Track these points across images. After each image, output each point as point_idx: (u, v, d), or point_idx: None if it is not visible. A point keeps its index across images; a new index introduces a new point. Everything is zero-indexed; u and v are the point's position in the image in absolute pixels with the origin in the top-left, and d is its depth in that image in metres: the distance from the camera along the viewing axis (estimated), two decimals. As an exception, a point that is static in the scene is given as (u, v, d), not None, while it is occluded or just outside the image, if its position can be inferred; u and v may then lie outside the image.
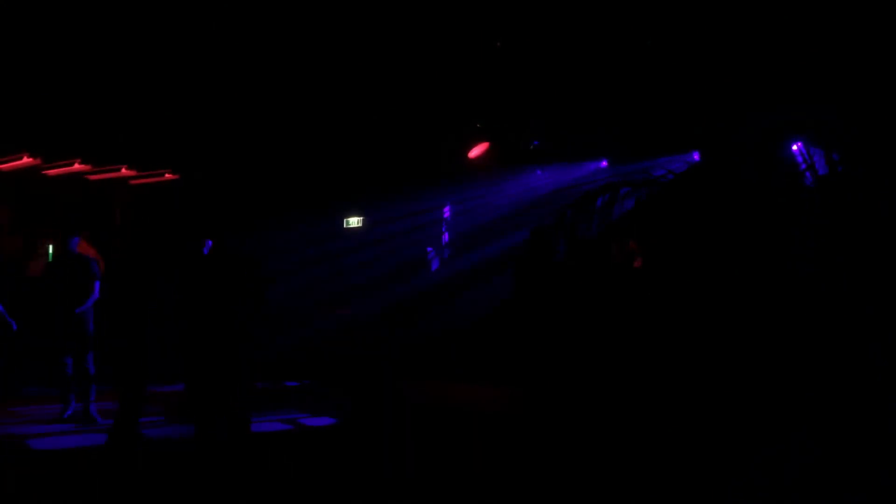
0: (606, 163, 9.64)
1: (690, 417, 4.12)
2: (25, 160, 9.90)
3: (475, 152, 10.01)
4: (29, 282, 8.10)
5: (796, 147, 4.50)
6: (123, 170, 10.70)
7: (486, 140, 9.92)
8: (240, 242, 6.41)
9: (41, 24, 6.81)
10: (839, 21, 5.87)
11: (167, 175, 10.95)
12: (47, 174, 10.50)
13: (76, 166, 10.33)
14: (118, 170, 10.67)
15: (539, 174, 10.24)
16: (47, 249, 9.30)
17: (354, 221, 11.93)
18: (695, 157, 8.05)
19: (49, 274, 7.12)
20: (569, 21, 6.93)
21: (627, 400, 4.34)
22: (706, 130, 7.59)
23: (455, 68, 8.00)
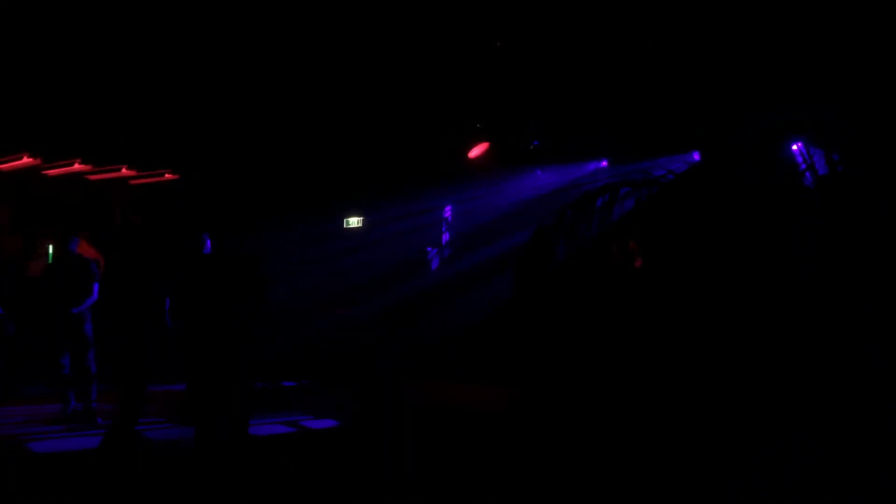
0: (606, 163, 9.64)
1: (690, 417, 4.12)
2: (25, 160, 9.91)
3: (475, 152, 10.01)
4: (29, 282, 8.10)
5: (796, 147, 4.49)
6: (123, 170, 10.71)
7: (486, 140, 9.92)
8: (240, 242, 6.40)
9: (41, 25, 6.81)
10: (839, 21, 5.87)
11: (167, 175, 10.96)
12: (47, 174, 10.51)
13: (76, 166, 10.33)
14: (118, 170, 10.68)
15: (539, 174, 10.24)
16: (47, 249, 9.30)
17: (354, 221, 11.93)
18: (695, 157, 8.04)
19: (49, 274, 7.13)
20: (569, 21, 6.93)
21: (627, 400, 4.34)
22: (706, 130, 7.59)
23: (455, 68, 7.99)
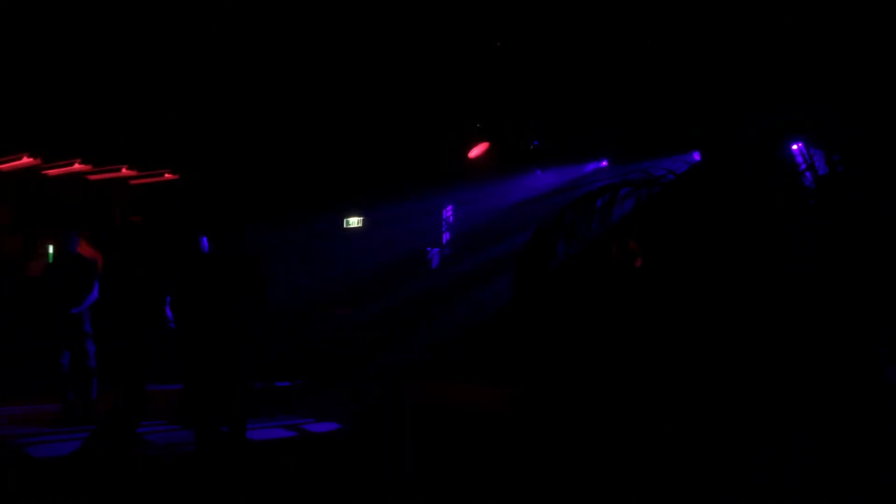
0: (607, 163, 9.63)
1: (691, 417, 4.12)
2: (25, 160, 9.90)
3: (475, 152, 10.00)
4: (29, 282, 8.10)
5: (796, 147, 4.49)
6: (123, 170, 10.70)
7: (486, 140, 9.92)
8: (240, 242, 6.41)
9: (41, 25, 6.81)
10: (839, 21, 5.87)
11: (167, 175, 10.95)
12: (47, 174, 10.51)
13: (76, 166, 10.33)
14: (118, 170, 10.67)
15: (539, 174, 10.24)
16: (47, 249, 9.30)
17: (354, 221, 11.93)
18: (695, 157, 8.04)
19: (49, 274, 7.13)
20: (569, 21, 6.93)
21: (628, 400, 4.34)
22: (706, 130, 7.58)
23: (455, 68, 7.99)
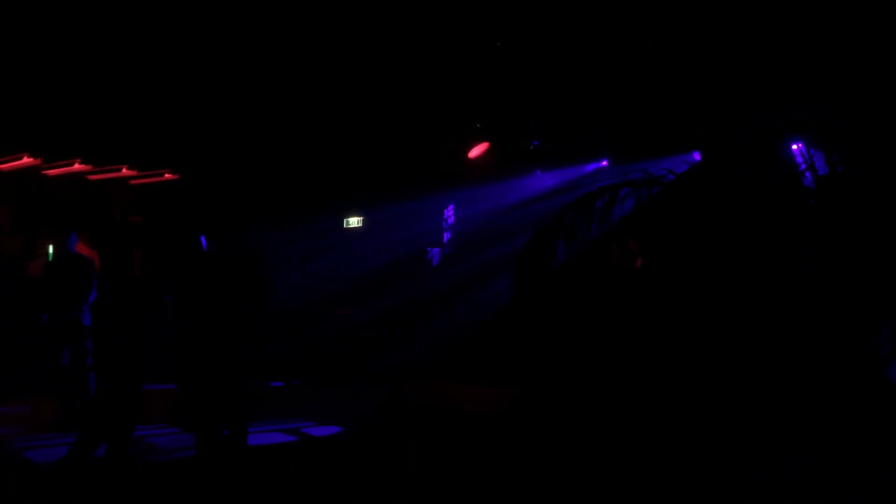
0: (607, 163, 9.63)
1: (691, 417, 4.12)
2: (25, 160, 9.90)
3: (475, 152, 10.01)
4: (29, 282, 8.10)
5: (796, 147, 4.49)
6: (123, 170, 10.70)
7: (486, 140, 9.92)
8: (240, 242, 6.40)
9: (41, 25, 6.81)
10: (839, 21, 5.87)
11: (167, 175, 10.95)
12: (47, 174, 10.51)
13: (76, 166, 10.33)
14: (118, 170, 10.67)
15: (539, 174, 10.24)
16: (47, 249, 9.30)
17: (354, 221, 11.93)
18: (695, 157, 8.04)
19: (49, 274, 7.12)
20: (569, 21, 6.94)
21: (627, 400, 4.34)
22: (706, 130, 7.58)
23: (455, 68, 8.00)
